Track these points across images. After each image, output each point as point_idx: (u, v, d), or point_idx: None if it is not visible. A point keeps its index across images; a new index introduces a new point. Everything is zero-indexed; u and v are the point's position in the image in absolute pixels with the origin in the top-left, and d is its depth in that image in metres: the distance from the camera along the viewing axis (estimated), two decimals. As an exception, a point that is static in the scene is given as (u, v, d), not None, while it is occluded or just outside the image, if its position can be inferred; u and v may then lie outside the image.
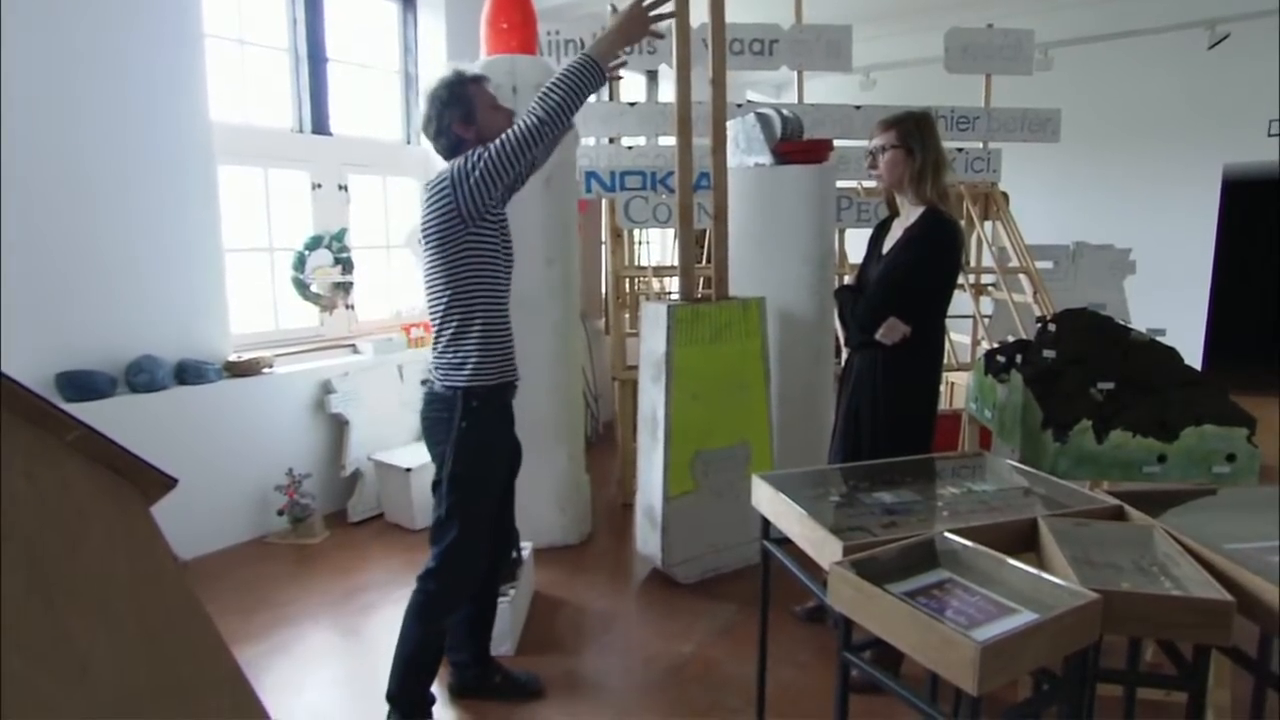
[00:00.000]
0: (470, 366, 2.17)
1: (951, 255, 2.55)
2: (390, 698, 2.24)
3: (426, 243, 2.18)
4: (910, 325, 2.51)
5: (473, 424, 2.17)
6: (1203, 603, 1.26)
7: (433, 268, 2.18)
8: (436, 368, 2.23)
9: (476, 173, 2.05)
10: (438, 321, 2.21)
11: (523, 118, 2.03)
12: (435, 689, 2.33)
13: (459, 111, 2.16)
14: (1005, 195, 5.51)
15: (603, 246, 5.48)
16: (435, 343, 2.23)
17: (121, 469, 1.28)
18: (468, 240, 2.13)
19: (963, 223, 5.41)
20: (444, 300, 2.18)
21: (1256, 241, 8.99)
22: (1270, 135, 6.71)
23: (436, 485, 2.21)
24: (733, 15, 3.48)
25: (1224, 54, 6.53)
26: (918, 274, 2.53)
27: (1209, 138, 6.92)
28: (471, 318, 2.17)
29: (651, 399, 3.29)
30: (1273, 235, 9.03)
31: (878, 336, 2.53)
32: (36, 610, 1.01)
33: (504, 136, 2.03)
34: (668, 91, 7.35)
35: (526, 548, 3.11)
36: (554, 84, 2.02)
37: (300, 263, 4.37)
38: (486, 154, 2.04)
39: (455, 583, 2.22)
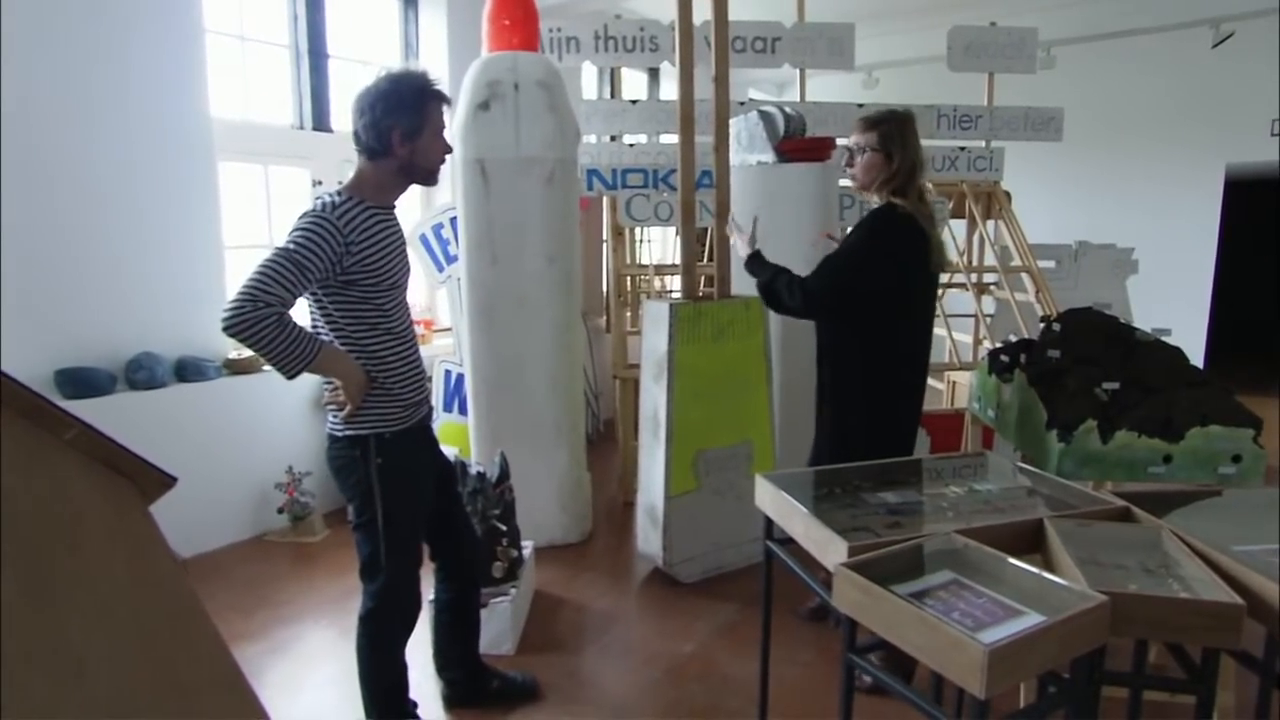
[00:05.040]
0: (374, 415, 1.96)
1: (885, 238, 2.39)
2: None
3: None
4: (847, 326, 2.50)
5: (390, 458, 1.97)
6: (1213, 606, 1.25)
7: (310, 307, 1.95)
8: (332, 411, 1.99)
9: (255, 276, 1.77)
10: None
11: (252, 323, 1.71)
12: (436, 701, 2.32)
13: (408, 122, 1.91)
14: (1008, 194, 5.51)
15: (604, 244, 5.47)
16: (325, 381, 1.98)
17: (120, 467, 1.27)
18: (332, 290, 1.90)
19: (964, 221, 5.42)
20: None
21: (1258, 241, 8.97)
22: (1272, 135, 6.70)
23: (358, 526, 2.03)
24: (735, 13, 3.47)
25: (1226, 53, 6.52)
26: (844, 254, 2.47)
27: (1211, 137, 6.91)
28: (361, 364, 1.95)
29: (653, 397, 3.27)
30: (1274, 235, 9.02)
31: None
32: (33, 610, 0.99)
33: (237, 316, 1.72)
34: (669, 89, 7.33)
35: (527, 546, 3.10)
36: (275, 334, 1.74)
37: (300, 260, 4.35)
38: (256, 277, 1.76)
39: (396, 620, 2.12)
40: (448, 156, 2.05)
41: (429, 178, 2.03)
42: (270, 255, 1.81)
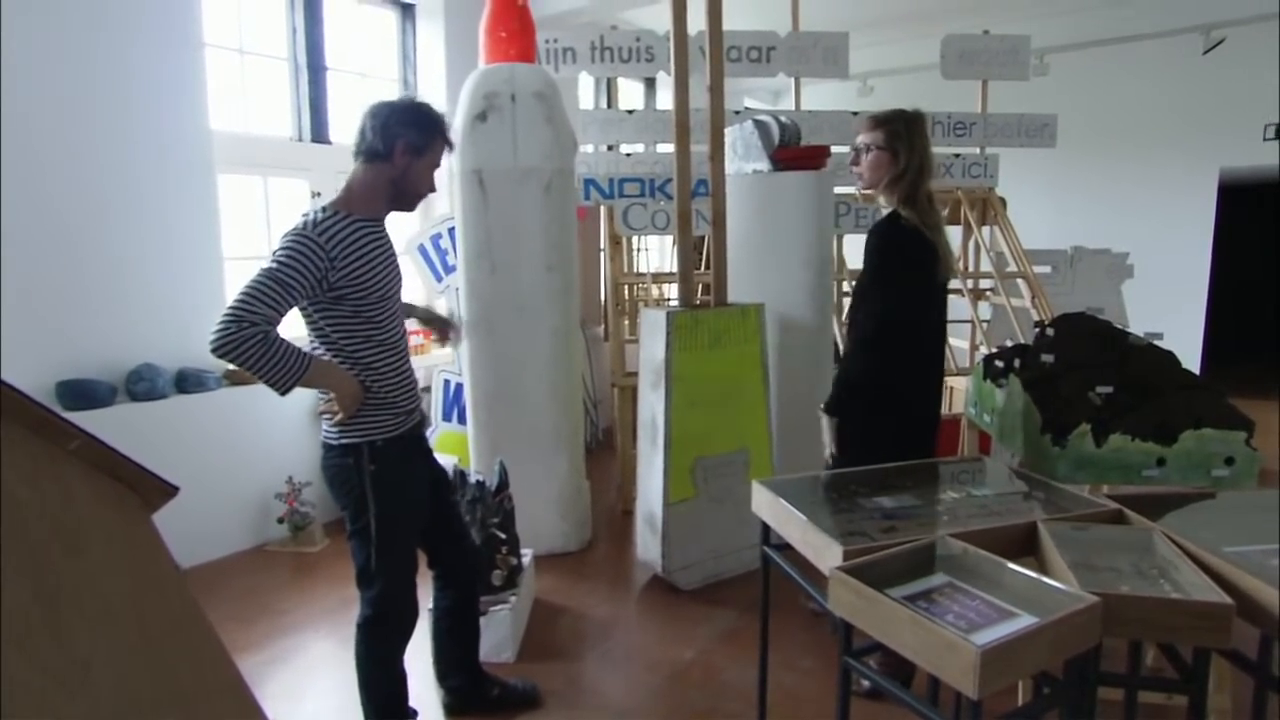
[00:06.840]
0: (367, 423, 2.00)
1: (893, 255, 2.38)
2: None
3: None
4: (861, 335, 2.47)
5: (383, 465, 2.00)
6: (1202, 606, 1.26)
7: (304, 318, 1.98)
8: (326, 420, 2.02)
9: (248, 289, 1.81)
10: None
11: (243, 338, 1.77)
12: (437, 709, 2.33)
13: (416, 141, 1.98)
14: (1003, 200, 5.53)
15: (602, 253, 5.49)
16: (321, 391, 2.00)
17: (123, 477, 1.29)
18: (322, 305, 1.93)
19: (959, 228, 5.45)
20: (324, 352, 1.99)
21: (1253, 245, 9.00)
22: (1266, 139, 6.73)
23: (353, 534, 2.05)
24: (730, 23, 3.50)
25: (1219, 58, 6.58)
26: (873, 285, 2.43)
27: (1205, 142, 6.94)
28: (354, 374, 1.98)
29: (651, 405, 3.29)
30: (1269, 239, 9.05)
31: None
32: (39, 617, 1.01)
33: (226, 334, 1.78)
34: (666, 99, 7.37)
35: (527, 554, 3.11)
36: (262, 353, 1.79)
37: (300, 271, 4.37)
38: (242, 298, 1.80)
39: (393, 627, 2.13)
40: (439, 173, 2.11)
41: (411, 202, 2.08)
42: (255, 275, 1.83)
